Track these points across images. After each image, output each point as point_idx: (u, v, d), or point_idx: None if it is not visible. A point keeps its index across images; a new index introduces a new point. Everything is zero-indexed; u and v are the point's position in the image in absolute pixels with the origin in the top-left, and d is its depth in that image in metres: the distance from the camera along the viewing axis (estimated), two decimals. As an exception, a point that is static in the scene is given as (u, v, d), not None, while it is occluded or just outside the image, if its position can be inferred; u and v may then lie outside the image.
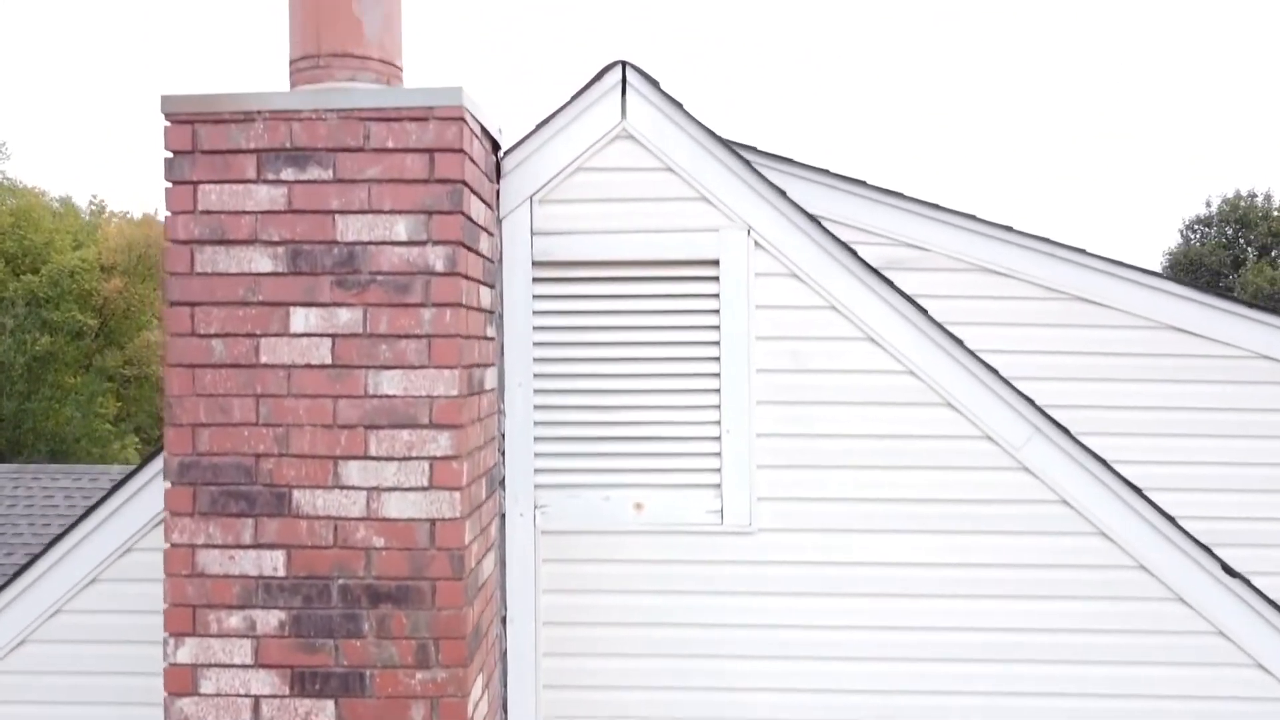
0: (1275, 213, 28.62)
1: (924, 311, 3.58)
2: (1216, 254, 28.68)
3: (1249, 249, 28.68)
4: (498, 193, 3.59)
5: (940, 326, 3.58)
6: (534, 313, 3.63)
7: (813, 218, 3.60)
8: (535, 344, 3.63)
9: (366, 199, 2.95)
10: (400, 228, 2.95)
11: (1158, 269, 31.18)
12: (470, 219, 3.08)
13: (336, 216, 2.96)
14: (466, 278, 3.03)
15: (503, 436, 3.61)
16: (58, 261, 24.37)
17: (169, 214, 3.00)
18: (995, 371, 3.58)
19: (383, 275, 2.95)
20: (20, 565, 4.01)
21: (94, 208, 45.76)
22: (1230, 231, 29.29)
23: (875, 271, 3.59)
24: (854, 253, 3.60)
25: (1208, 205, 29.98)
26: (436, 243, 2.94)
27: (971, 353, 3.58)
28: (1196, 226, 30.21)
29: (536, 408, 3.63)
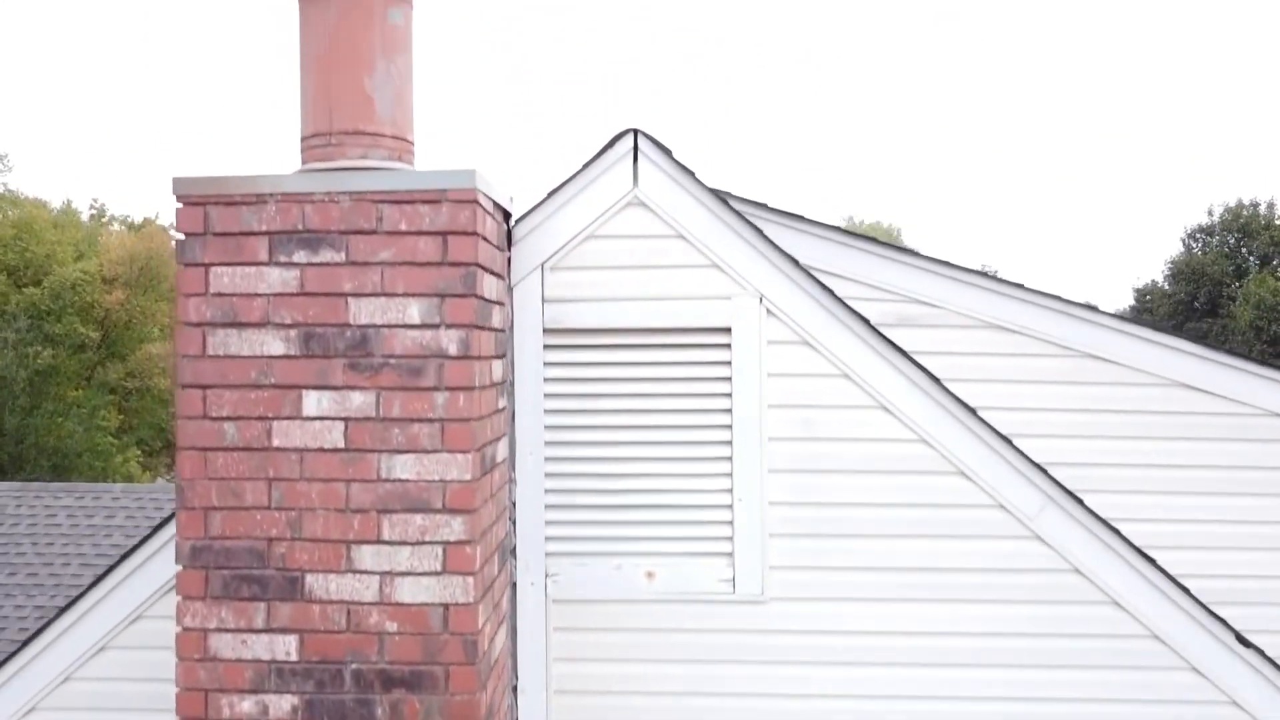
0: (1277, 222, 28.62)
1: (937, 380, 3.57)
2: (1219, 263, 28.68)
3: (1251, 258, 28.68)
4: (509, 260, 3.58)
5: (953, 395, 3.57)
6: (545, 379, 3.62)
7: (825, 286, 3.59)
8: (546, 411, 3.62)
9: (379, 282, 2.94)
10: (413, 311, 2.93)
11: (1159, 278, 31.20)
12: (483, 298, 3.07)
13: (349, 299, 2.94)
14: (479, 358, 3.02)
15: (514, 505, 3.60)
16: (59, 274, 24.37)
17: (181, 296, 2.99)
18: (1008, 440, 3.57)
19: (396, 359, 2.93)
20: (31, 631, 4.00)
21: (94, 211, 45.81)
22: (1232, 241, 29.29)
23: (888, 340, 3.58)
24: (866, 321, 3.59)
25: (1209, 214, 29.98)
26: (450, 326, 2.93)
27: (984, 421, 3.57)
28: (1198, 235, 30.20)
29: (548, 475, 3.62)
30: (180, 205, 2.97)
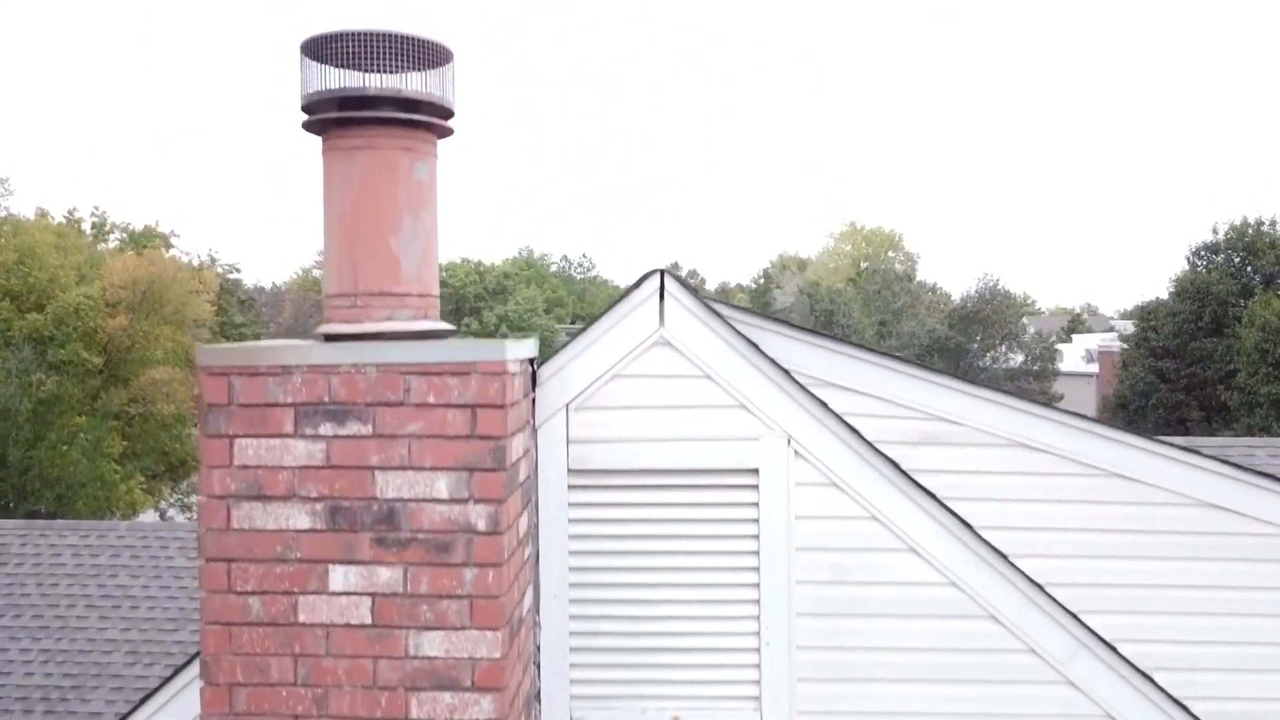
0: (1283, 240, 28.57)
1: (966, 524, 3.52)
2: (1224, 282, 28.61)
3: (1256, 276, 28.62)
4: (534, 401, 3.53)
5: (983, 539, 3.52)
6: (570, 520, 3.57)
7: (853, 428, 3.55)
8: (571, 553, 3.57)
9: (407, 455, 2.89)
10: (441, 485, 2.89)
11: (1162, 291, 31.09)
12: (512, 466, 3.02)
13: (376, 473, 2.90)
14: (509, 530, 2.97)
15: (538, 649, 3.55)
16: (63, 299, 24.29)
17: (205, 468, 2.94)
18: (1039, 586, 3.53)
19: (424, 534, 2.89)
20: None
21: (95, 219, 45.83)
22: (1238, 260, 29.23)
23: (917, 483, 3.54)
24: (895, 464, 3.54)
25: (1214, 231, 29.92)
26: (479, 501, 2.88)
27: (1015, 566, 3.53)
28: (1203, 253, 30.14)
29: (572, 618, 3.58)
30: (205, 375, 2.92)
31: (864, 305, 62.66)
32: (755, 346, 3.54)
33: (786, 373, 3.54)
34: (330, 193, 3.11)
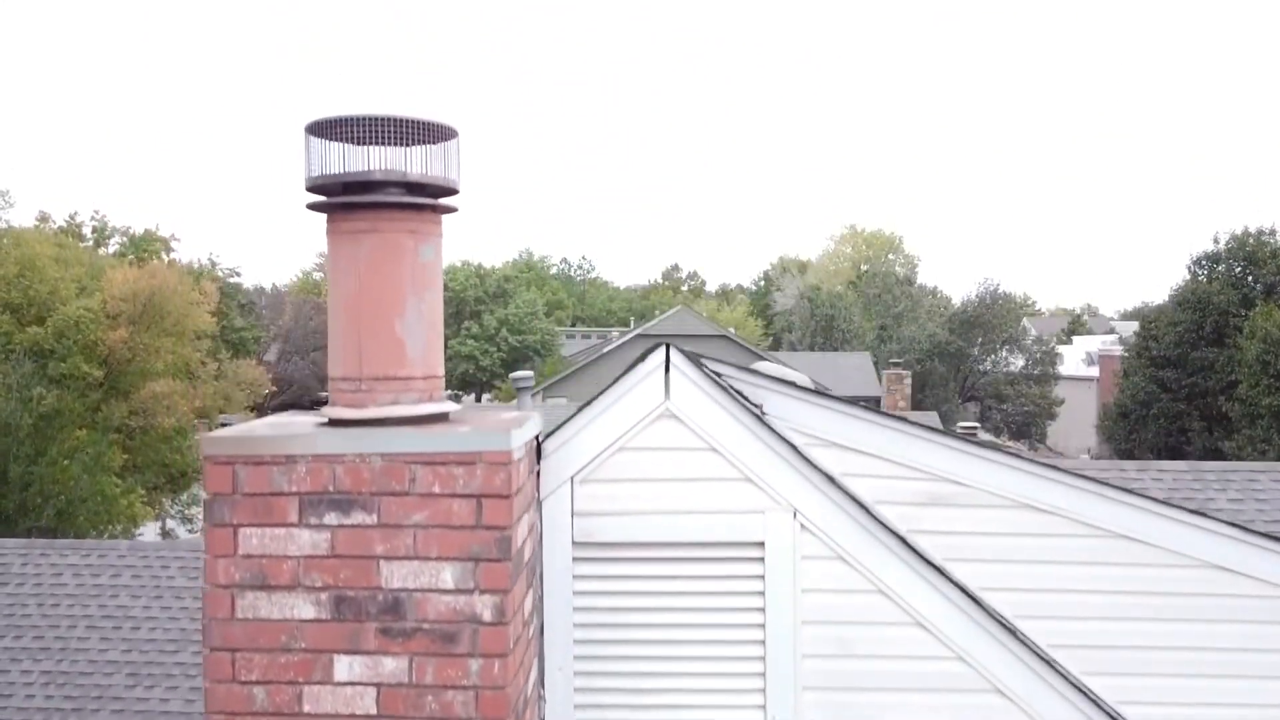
0: (1283, 249, 28.57)
1: (974, 597, 3.51)
2: (1225, 292, 28.60)
3: (1257, 286, 28.62)
4: (538, 475, 3.52)
5: (990, 612, 3.51)
6: (574, 593, 3.56)
7: (859, 501, 3.54)
8: (576, 625, 3.56)
9: (412, 545, 2.88)
10: (447, 575, 2.88)
11: (1164, 298, 31.07)
12: (518, 552, 3.01)
13: (381, 562, 2.88)
14: (513, 620, 2.96)
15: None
16: (63, 312, 24.28)
17: (209, 557, 2.92)
18: (1046, 658, 3.51)
19: (429, 624, 2.87)
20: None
21: (96, 224, 45.83)
22: (1239, 270, 29.23)
23: (923, 555, 3.52)
24: (902, 538, 3.53)
25: (1215, 241, 29.91)
26: (484, 591, 2.87)
27: (1022, 640, 3.51)
28: (1204, 263, 30.14)
29: (577, 690, 3.56)
30: (208, 464, 2.91)
31: (864, 309, 62.64)
32: (760, 418, 3.53)
33: (792, 446, 3.53)
34: (335, 275, 3.10)
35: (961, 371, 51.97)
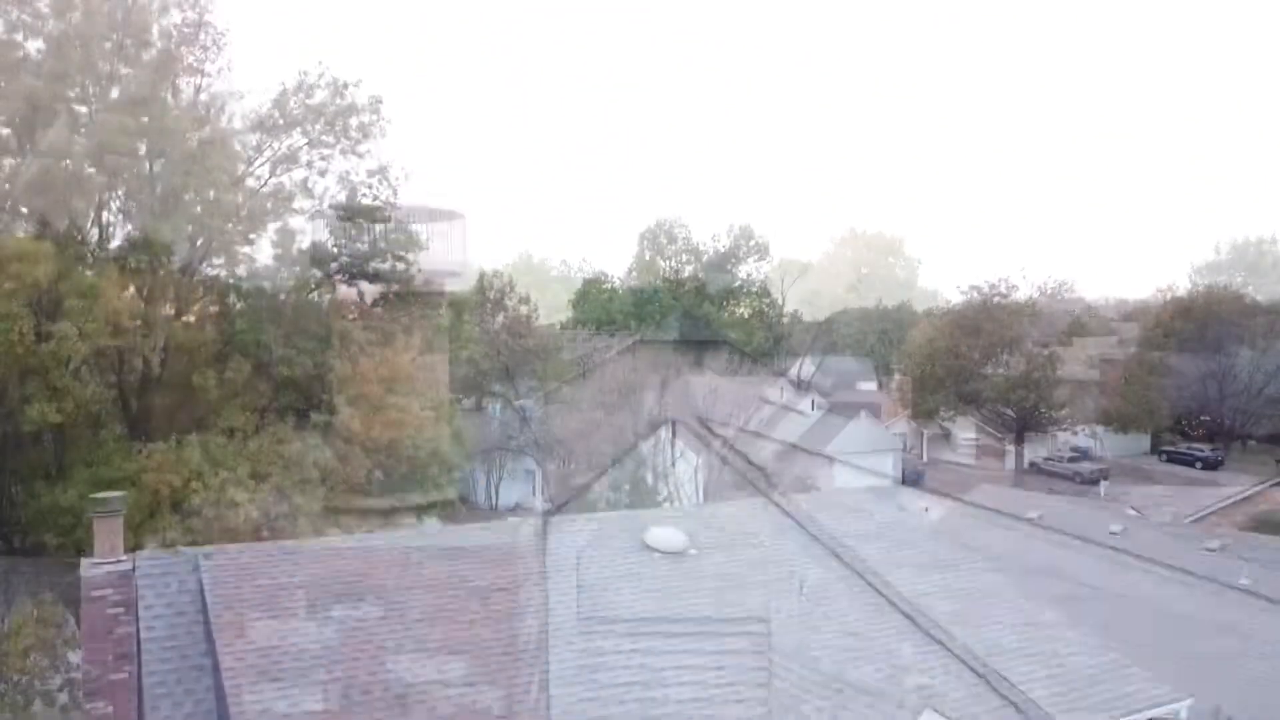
0: (1284, 258, 28.49)
1: None
2: (1226, 302, 28.56)
3: (1258, 296, 28.56)
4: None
5: None
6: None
7: None
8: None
9: None
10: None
11: (1164, 304, 30.95)
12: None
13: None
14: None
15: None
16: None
17: None
18: None
19: None
20: None
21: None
22: (1239, 279, 29.18)
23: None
24: None
25: (1216, 251, 29.89)
26: None
27: None
28: (1205, 272, 30.10)
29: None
30: None
31: (864, 314, 62.47)
32: None
33: None
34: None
35: (962, 376, 51.75)
